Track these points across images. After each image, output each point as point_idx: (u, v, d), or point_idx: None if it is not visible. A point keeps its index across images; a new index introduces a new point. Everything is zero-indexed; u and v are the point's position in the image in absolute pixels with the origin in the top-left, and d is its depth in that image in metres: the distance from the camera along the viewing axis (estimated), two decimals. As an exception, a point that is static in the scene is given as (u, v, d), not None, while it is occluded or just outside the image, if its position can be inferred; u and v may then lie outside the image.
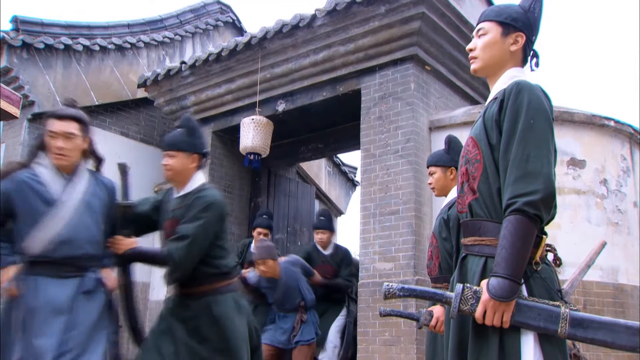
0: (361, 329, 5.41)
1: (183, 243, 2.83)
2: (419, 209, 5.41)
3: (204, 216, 2.87)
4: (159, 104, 7.69)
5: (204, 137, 3.25)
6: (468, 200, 1.98)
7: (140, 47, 8.10)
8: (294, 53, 6.29)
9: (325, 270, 5.69)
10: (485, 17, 2.10)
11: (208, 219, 2.88)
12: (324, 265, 5.75)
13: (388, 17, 5.61)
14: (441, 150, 3.54)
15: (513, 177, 1.78)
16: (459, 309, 1.78)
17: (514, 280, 1.71)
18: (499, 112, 1.92)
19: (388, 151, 5.63)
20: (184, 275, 2.94)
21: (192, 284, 3.00)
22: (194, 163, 3.07)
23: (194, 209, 2.90)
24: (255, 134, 6.07)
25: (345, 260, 5.88)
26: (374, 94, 5.89)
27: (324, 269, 5.68)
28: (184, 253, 2.83)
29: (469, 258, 1.96)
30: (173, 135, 3.11)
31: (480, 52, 2.07)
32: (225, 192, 7.36)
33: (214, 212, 2.93)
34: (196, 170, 3.09)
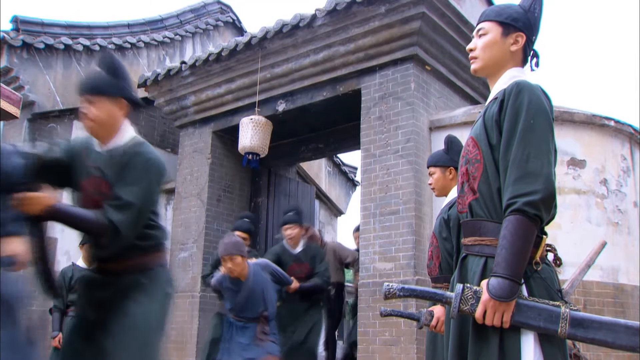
0: (361, 329, 5.41)
1: (129, 211, 2.38)
2: (419, 209, 5.41)
3: (146, 178, 2.44)
4: (159, 104, 7.69)
5: (130, 79, 2.67)
6: (468, 200, 1.98)
7: (140, 47, 8.10)
8: (294, 53, 6.30)
9: (300, 269, 5.47)
10: (485, 17, 2.09)
11: (151, 182, 2.46)
12: (297, 265, 5.50)
13: (388, 17, 5.61)
14: (441, 151, 3.54)
15: (513, 177, 1.78)
16: (459, 309, 1.78)
17: (514, 280, 1.71)
18: (499, 112, 1.91)
19: (388, 151, 5.63)
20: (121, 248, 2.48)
21: (116, 257, 2.53)
22: (121, 110, 2.55)
23: (133, 169, 2.43)
24: (254, 134, 6.07)
25: (319, 256, 5.63)
26: (374, 94, 5.89)
27: (298, 269, 5.46)
28: (130, 223, 2.38)
29: (469, 258, 1.96)
30: (93, 77, 2.58)
31: (480, 52, 2.07)
32: (226, 192, 7.36)
33: (156, 173, 2.50)
34: (123, 119, 2.57)
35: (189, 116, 7.52)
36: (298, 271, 5.46)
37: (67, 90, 7.21)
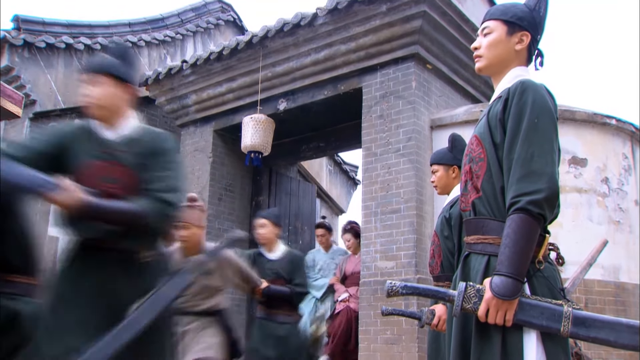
0: (363, 328, 5.41)
1: (178, 193, 2.26)
2: (421, 208, 5.41)
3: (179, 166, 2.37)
4: (160, 103, 7.69)
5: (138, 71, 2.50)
6: (471, 198, 1.98)
7: (141, 46, 8.10)
8: (295, 52, 6.30)
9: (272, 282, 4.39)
10: (490, 16, 2.09)
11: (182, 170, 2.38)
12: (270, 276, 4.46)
13: (389, 16, 5.61)
14: (444, 149, 3.54)
15: (517, 176, 1.78)
16: (462, 307, 1.78)
17: (517, 279, 1.71)
18: (503, 111, 1.92)
19: (389, 150, 5.63)
20: None
21: None
22: (126, 96, 2.39)
23: (165, 155, 2.31)
24: (256, 132, 6.07)
25: (297, 266, 4.60)
26: (375, 93, 5.89)
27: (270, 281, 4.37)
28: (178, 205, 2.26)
29: (472, 256, 1.96)
30: (101, 56, 2.45)
31: (485, 50, 2.07)
32: (227, 190, 7.36)
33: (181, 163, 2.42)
34: (128, 106, 2.42)
35: (190, 115, 7.52)
36: None
37: (69, 89, 7.21)
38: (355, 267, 5.99)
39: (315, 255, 6.58)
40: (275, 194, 7.65)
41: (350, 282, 5.98)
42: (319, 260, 6.49)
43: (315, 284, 6.34)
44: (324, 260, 6.48)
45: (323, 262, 6.47)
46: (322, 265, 6.47)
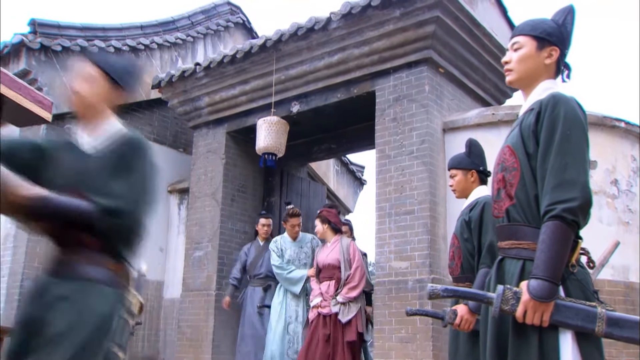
0: (377, 327, 5.53)
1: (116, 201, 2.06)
2: (434, 209, 5.52)
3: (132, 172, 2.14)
4: (173, 105, 7.79)
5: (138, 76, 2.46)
6: (505, 205, 2.09)
7: (153, 48, 8.20)
8: (308, 55, 6.40)
9: None
10: (520, 32, 2.20)
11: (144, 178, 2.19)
12: None
13: (403, 21, 5.71)
14: (462, 154, 3.64)
15: (551, 185, 1.89)
16: (501, 308, 1.89)
17: (553, 282, 1.82)
18: (535, 123, 2.02)
19: (403, 152, 5.73)
20: None
21: None
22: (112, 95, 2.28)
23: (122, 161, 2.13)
24: (269, 134, 6.17)
25: None
26: (388, 96, 5.99)
27: None
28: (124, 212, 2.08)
29: (507, 260, 2.07)
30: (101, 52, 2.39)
31: (515, 64, 2.18)
32: (239, 191, 7.47)
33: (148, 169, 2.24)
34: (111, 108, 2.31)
35: (203, 117, 7.63)
36: None
37: (83, 92, 7.31)
38: (327, 257, 5.52)
39: (282, 242, 6.19)
40: (287, 195, 7.76)
41: (324, 276, 5.52)
42: (287, 249, 6.15)
43: (290, 277, 5.95)
44: (292, 249, 6.15)
45: (292, 251, 6.13)
46: (291, 255, 6.11)
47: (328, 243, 5.64)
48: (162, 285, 8.08)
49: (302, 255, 6.11)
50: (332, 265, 5.45)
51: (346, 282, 5.34)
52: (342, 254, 5.45)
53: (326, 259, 5.51)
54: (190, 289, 7.24)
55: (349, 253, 5.46)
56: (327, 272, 5.48)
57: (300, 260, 6.07)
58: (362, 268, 5.42)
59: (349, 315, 5.25)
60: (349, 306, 5.29)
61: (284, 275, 5.96)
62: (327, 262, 5.49)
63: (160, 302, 8.03)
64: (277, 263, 6.02)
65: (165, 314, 7.98)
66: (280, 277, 6.01)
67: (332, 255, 5.50)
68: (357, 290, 5.34)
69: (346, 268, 5.40)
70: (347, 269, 5.39)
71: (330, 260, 5.47)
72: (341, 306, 5.27)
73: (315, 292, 5.51)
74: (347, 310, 5.28)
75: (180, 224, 8.12)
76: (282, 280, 6.01)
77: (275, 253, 6.09)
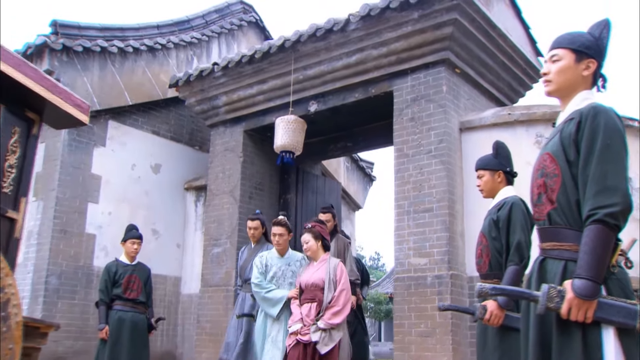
0: (397, 321, 5.68)
1: None
2: (452, 207, 5.66)
3: None
4: (190, 104, 7.92)
5: None
6: (547, 209, 2.23)
7: (170, 47, 8.33)
8: (326, 56, 6.52)
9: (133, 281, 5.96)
10: (558, 44, 2.34)
11: None
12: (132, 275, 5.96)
13: (421, 23, 5.83)
14: (489, 155, 3.77)
15: (593, 191, 2.03)
16: (546, 306, 2.04)
17: (596, 282, 1.97)
18: (576, 132, 2.16)
19: (421, 151, 5.87)
20: None
21: None
22: None
23: None
24: (286, 133, 6.30)
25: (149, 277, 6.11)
26: (406, 96, 6.13)
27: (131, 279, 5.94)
28: None
29: (548, 261, 2.22)
30: None
31: (555, 76, 2.31)
32: (257, 189, 7.62)
33: None
34: None
35: (220, 116, 7.76)
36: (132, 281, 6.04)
37: (103, 91, 7.45)
38: (311, 276, 4.83)
39: (268, 258, 5.32)
40: (302, 192, 7.90)
41: (306, 298, 4.81)
42: (273, 265, 5.27)
43: (269, 297, 5.09)
44: (279, 265, 5.25)
45: (277, 268, 5.24)
46: (277, 272, 5.22)
47: (315, 262, 4.95)
48: (180, 281, 8.24)
49: (289, 274, 5.23)
50: (315, 286, 4.77)
51: (329, 306, 4.65)
52: (328, 274, 4.77)
53: (310, 278, 4.83)
54: (209, 284, 7.39)
55: (336, 274, 4.79)
56: (309, 294, 4.79)
57: (286, 279, 5.21)
58: (347, 292, 4.78)
59: (330, 345, 4.55)
60: (330, 334, 4.60)
61: (262, 295, 5.12)
62: (310, 281, 4.80)
63: (178, 297, 8.19)
64: (257, 280, 5.18)
65: (183, 309, 8.15)
66: (258, 297, 5.19)
67: (317, 274, 4.82)
68: (341, 316, 4.66)
69: (330, 290, 4.71)
70: (331, 291, 4.71)
71: (314, 279, 4.79)
72: (322, 333, 4.57)
73: (295, 316, 4.78)
74: (328, 338, 4.59)
75: (197, 221, 8.28)
76: (260, 300, 5.19)
77: (257, 268, 5.25)
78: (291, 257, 5.36)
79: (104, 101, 7.45)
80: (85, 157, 7.37)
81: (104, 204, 7.52)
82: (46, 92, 3.78)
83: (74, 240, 7.12)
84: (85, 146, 7.39)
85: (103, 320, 5.84)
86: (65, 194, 7.10)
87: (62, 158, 7.10)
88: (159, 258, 7.82)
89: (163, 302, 7.93)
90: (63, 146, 7.12)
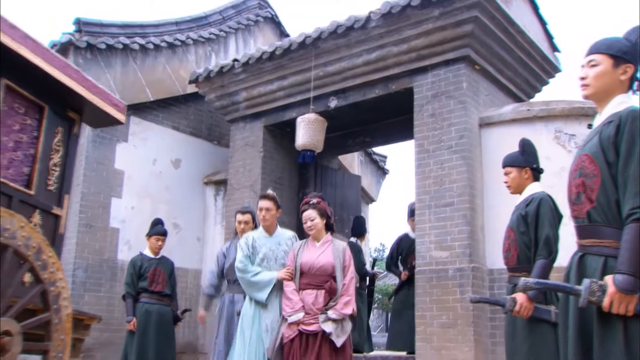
0: (419, 313, 5.81)
1: None
2: (473, 201, 5.78)
3: None
4: (210, 100, 8.05)
5: None
6: (586, 208, 2.35)
7: (189, 44, 8.45)
8: (347, 52, 6.63)
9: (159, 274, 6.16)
10: (596, 50, 2.44)
11: None
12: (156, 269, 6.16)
13: (441, 20, 5.94)
14: (516, 152, 3.88)
15: (633, 191, 2.15)
16: (588, 300, 2.16)
17: (636, 277, 2.09)
18: (615, 135, 2.28)
19: (442, 147, 5.99)
20: None
21: None
22: None
23: None
24: (307, 132, 6.42)
25: None
26: (426, 92, 6.23)
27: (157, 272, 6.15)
28: None
29: (588, 257, 2.34)
30: None
31: (592, 80, 2.42)
32: (277, 183, 7.75)
33: None
34: None
35: (240, 111, 7.88)
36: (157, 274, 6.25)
37: (125, 88, 7.58)
38: (317, 259, 4.34)
39: (255, 238, 4.74)
40: (321, 187, 8.02)
41: (308, 283, 4.32)
42: (262, 245, 4.69)
43: (256, 281, 4.54)
44: (268, 245, 4.70)
45: (267, 248, 4.69)
46: (267, 254, 4.67)
47: (316, 242, 4.47)
48: (200, 274, 8.38)
49: (280, 254, 4.67)
50: (323, 270, 4.30)
51: (340, 295, 4.24)
52: (338, 259, 4.34)
53: (316, 260, 4.33)
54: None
55: (345, 259, 4.37)
56: (315, 279, 4.30)
57: (278, 260, 4.64)
58: (355, 279, 4.48)
59: (343, 337, 4.16)
60: (342, 325, 4.20)
61: (247, 279, 4.54)
62: (317, 264, 4.31)
63: (199, 289, 8.34)
64: (241, 265, 4.59)
65: (204, 301, 8.29)
66: (243, 282, 4.60)
67: (324, 257, 4.34)
68: (352, 305, 4.26)
69: (340, 276, 4.30)
70: (341, 278, 4.30)
71: (322, 263, 4.31)
72: (333, 324, 4.14)
73: (294, 304, 4.25)
74: (341, 329, 4.17)
75: (217, 215, 8.42)
76: (246, 286, 4.59)
77: (241, 251, 4.67)
78: (281, 235, 4.79)
79: (126, 97, 7.56)
80: (108, 152, 7.52)
81: (126, 198, 7.67)
82: (87, 93, 3.93)
83: (99, 234, 7.28)
84: (109, 142, 7.54)
85: (130, 312, 5.99)
86: (90, 189, 7.26)
87: (87, 154, 7.25)
88: (180, 251, 7.97)
89: (184, 295, 8.08)
90: (87, 142, 7.26)
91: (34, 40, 3.42)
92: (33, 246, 3.11)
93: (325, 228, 4.52)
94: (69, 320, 3.37)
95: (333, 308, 4.19)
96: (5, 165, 3.42)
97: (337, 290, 4.25)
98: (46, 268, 3.19)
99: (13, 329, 2.84)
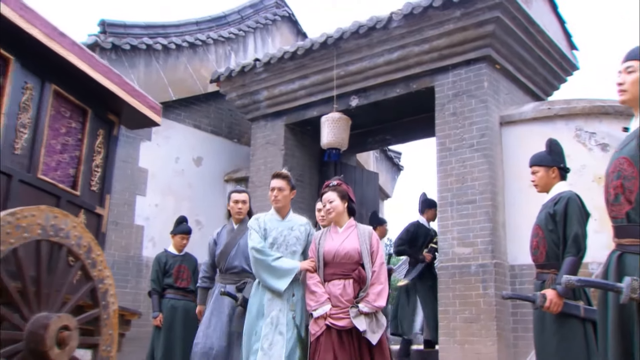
0: (442, 308, 5.93)
1: None
2: (494, 198, 5.89)
3: None
4: (231, 99, 8.17)
5: None
6: (625, 209, 2.46)
7: (209, 43, 8.58)
8: (368, 52, 6.74)
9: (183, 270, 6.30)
10: (634, 56, 2.55)
11: None
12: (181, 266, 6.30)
13: (463, 21, 6.03)
14: (543, 152, 3.97)
15: None
16: (630, 296, 2.27)
17: (677, 275, 2.21)
18: None
19: (463, 145, 6.09)
20: None
21: None
22: None
23: None
24: (331, 131, 6.55)
25: None
26: (447, 92, 6.34)
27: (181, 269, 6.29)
28: None
29: (627, 256, 2.45)
30: None
31: (630, 86, 2.53)
32: (298, 181, 7.85)
33: None
34: None
35: (261, 110, 8.00)
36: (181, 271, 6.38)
37: (149, 87, 7.68)
38: (341, 246, 3.90)
39: (266, 220, 4.24)
40: (341, 184, 8.12)
41: (333, 273, 3.88)
42: (272, 228, 4.18)
43: (277, 267, 4.02)
44: (280, 229, 4.18)
45: (278, 232, 4.17)
46: (277, 238, 4.14)
47: (339, 228, 4.02)
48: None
49: (292, 240, 4.17)
50: (350, 258, 3.86)
51: (371, 285, 3.82)
52: (365, 244, 3.91)
53: (340, 247, 3.89)
54: (253, 273, 7.66)
55: (372, 244, 3.95)
56: (340, 267, 3.87)
57: (289, 247, 4.14)
58: (385, 265, 4.02)
59: (378, 333, 3.76)
60: (377, 319, 3.78)
61: (267, 262, 4.02)
62: (343, 252, 3.88)
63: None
64: (259, 245, 4.07)
65: (226, 296, 8.44)
66: (261, 265, 4.04)
67: (348, 243, 3.91)
68: (385, 295, 3.85)
69: (368, 264, 3.87)
70: (370, 266, 3.87)
71: (348, 249, 3.88)
72: (366, 319, 3.72)
73: (319, 296, 3.81)
74: (375, 324, 3.76)
75: (238, 212, 8.54)
76: (263, 270, 4.03)
77: (256, 232, 4.15)
78: (294, 220, 4.33)
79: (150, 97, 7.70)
80: (133, 151, 7.66)
81: (150, 196, 7.81)
82: (127, 96, 4.06)
83: (125, 231, 7.43)
84: (133, 141, 7.68)
85: (157, 308, 6.13)
86: (116, 187, 7.36)
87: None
88: (202, 248, 8.04)
89: (206, 290, 8.22)
90: (112, 141, 7.39)
91: (80, 47, 3.55)
92: (84, 245, 3.25)
93: (349, 212, 4.08)
94: (115, 315, 3.52)
95: (364, 300, 3.74)
96: (54, 167, 3.56)
97: (367, 279, 3.80)
98: (95, 266, 3.34)
99: (71, 323, 2.98)
